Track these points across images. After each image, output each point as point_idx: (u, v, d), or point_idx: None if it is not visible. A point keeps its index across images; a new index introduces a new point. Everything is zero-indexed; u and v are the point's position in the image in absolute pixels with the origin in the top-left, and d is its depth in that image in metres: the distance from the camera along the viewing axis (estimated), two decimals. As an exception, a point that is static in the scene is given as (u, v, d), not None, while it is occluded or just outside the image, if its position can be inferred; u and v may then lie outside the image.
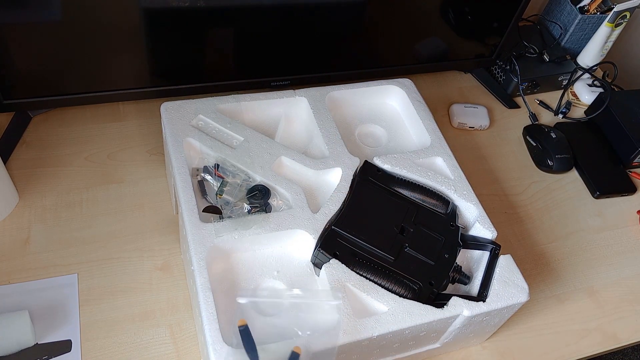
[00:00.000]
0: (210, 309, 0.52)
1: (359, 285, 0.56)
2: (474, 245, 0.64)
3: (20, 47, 0.70)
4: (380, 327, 0.54)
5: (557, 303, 0.77)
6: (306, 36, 0.84)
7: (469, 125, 0.97)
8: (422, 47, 0.95)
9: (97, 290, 0.67)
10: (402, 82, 0.79)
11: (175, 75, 0.82)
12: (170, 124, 0.67)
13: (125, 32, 0.73)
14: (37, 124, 0.83)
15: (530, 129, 0.98)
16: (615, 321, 0.77)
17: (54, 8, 0.67)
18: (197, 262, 0.55)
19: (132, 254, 0.71)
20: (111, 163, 0.81)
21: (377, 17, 0.86)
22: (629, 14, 1.02)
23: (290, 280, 0.59)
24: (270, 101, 0.73)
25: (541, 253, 0.82)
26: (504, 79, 1.04)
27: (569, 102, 1.05)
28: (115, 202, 0.76)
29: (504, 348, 0.71)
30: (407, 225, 0.61)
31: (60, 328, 0.63)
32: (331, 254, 0.58)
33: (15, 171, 0.77)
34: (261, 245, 0.61)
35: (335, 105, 0.76)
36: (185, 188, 0.61)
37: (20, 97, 0.76)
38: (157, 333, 0.65)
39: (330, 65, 0.90)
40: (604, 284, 0.81)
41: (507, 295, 0.58)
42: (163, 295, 0.68)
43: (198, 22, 0.75)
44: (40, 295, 0.66)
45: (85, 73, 0.76)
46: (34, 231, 0.71)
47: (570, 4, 1.07)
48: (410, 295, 0.57)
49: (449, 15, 0.91)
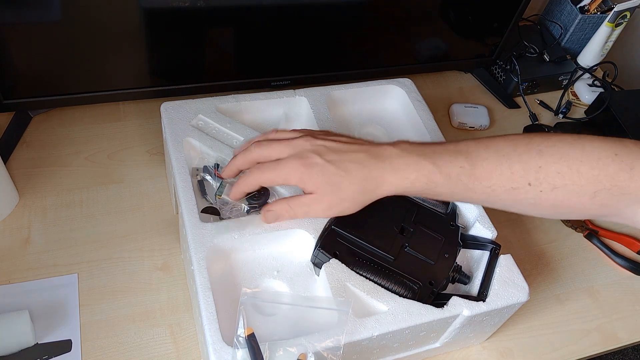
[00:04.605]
0: (210, 309, 0.52)
1: (359, 285, 0.56)
2: (474, 245, 0.64)
3: (20, 47, 0.70)
4: (380, 327, 0.54)
5: (557, 303, 0.77)
6: (306, 36, 0.84)
7: (469, 125, 0.97)
8: (422, 47, 0.95)
9: (97, 290, 0.67)
10: (402, 82, 0.79)
11: (175, 75, 0.82)
12: (170, 124, 0.67)
13: (125, 32, 0.73)
14: (37, 124, 0.83)
15: (530, 129, 0.98)
16: (615, 321, 0.77)
17: (53, 8, 0.67)
18: (197, 262, 0.55)
19: (132, 254, 0.71)
20: (111, 163, 0.81)
21: (377, 17, 0.86)
22: (629, 14, 1.02)
23: (290, 280, 0.59)
24: (270, 101, 0.73)
25: (541, 253, 0.82)
26: (504, 78, 1.04)
27: (569, 102, 1.05)
28: (115, 202, 0.76)
29: (504, 348, 0.71)
30: (407, 225, 0.61)
31: (60, 328, 0.63)
32: (331, 253, 0.58)
33: (15, 171, 0.77)
34: (261, 245, 0.61)
35: (335, 105, 0.76)
36: (185, 188, 0.61)
37: (20, 97, 0.76)
38: (157, 333, 0.65)
39: (331, 65, 0.90)
40: (604, 284, 0.80)
41: (507, 295, 0.58)
42: (163, 295, 0.68)
43: (198, 22, 0.75)
44: (40, 295, 0.66)
45: (85, 73, 0.76)
46: (34, 231, 0.71)
47: (570, 4, 1.07)
48: (410, 295, 0.57)
49: (449, 15, 0.91)
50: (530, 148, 0.52)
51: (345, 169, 0.54)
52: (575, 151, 0.51)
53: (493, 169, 0.53)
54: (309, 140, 0.56)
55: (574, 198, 0.51)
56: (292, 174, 0.54)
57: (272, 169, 0.55)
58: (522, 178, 0.52)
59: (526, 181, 0.52)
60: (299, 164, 0.54)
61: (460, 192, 0.55)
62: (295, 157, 0.55)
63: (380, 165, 0.54)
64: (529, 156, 0.52)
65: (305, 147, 0.55)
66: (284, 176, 0.55)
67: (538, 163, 0.51)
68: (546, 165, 0.51)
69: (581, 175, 0.50)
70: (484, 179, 0.53)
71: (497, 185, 0.53)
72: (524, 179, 0.52)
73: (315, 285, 0.59)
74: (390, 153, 0.55)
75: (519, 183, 0.52)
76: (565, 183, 0.50)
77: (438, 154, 0.54)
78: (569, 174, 0.50)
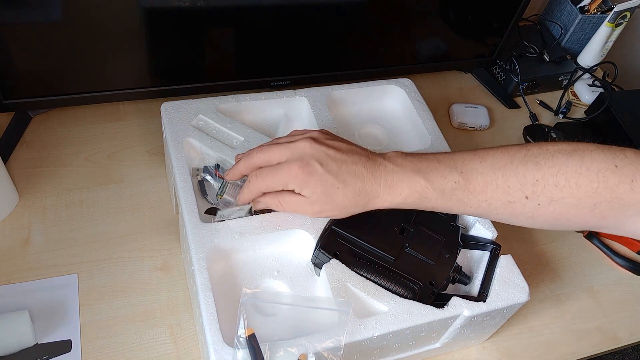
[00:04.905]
0: (210, 309, 0.52)
1: (359, 285, 0.56)
2: (474, 245, 0.64)
3: (20, 47, 0.70)
4: (381, 327, 0.54)
5: (557, 303, 0.77)
6: (306, 36, 0.84)
7: (469, 125, 0.97)
8: (422, 47, 0.95)
9: (97, 290, 0.67)
10: (402, 82, 0.79)
11: (175, 75, 0.82)
12: (170, 124, 0.67)
13: (125, 32, 0.73)
14: (37, 124, 0.83)
15: (530, 129, 0.98)
16: (615, 321, 0.77)
17: (54, 8, 0.67)
18: (197, 262, 0.55)
19: (132, 254, 0.71)
20: (111, 163, 0.80)
21: (378, 17, 0.86)
22: (629, 14, 1.02)
23: (290, 281, 0.59)
24: (270, 101, 0.72)
25: (541, 253, 0.82)
26: (504, 79, 1.04)
27: (569, 102, 1.05)
28: (115, 202, 0.76)
29: (504, 348, 0.71)
30: (407, 225, 0.61)
31: (60, 328, 0.63)
32: (331, 254, 0.58)
33: (15, 171, 0.77)
34: (261, 245, 0.61)
35: (335, 105, 0.76)
36: (185, 188, 0.61)
37: (20, 97, 0.76)
38: (157, 333, 0.65)
39: (331, 65, 0.90)
40: (604, 284, 0.81)
41: (507, 295, 0.58)
42: (163, 295, 0.68)
43: (198, 22, 0.75)
44: (40, 295, 0.66)
45: (85, 73, 0.76)
46: (34, 231, 0.71)
47: (570, 4, 1.07)
48: (411, 296, 0.57)
49: (449, 15, 0.91)
50: (527, 160, 0.51)
51: (343, 181, 0.54)
52: (573, 163, 0.49)
53: (488, 183, 0.52)
54: (310, 143, 0.55)
55: (572, 211, 0.50)
56: (292, 179, 0.54)
57: (271, 175, 0.55)
58: (518, 192, 0.51)
59: (523, 195, 0.51)
60: (298, 171, 0.54)
61: (455, 206, 0.55)
62: (295, 161, 0.54)
63: (375, 182, 0.54)
64: (525, 169, 0.51)
65: (306, 151, 0.55)
66: (283, 181, 0.55)
67: (535, 176, 0.50)
68: (543, 179, 0.50)
69: (580, 188, 0.49)
70: (479, 193, 0.52)
71: (492, 199, 0.52)
72: (521, 193, 0.51)
73: (315, 285, 0.59)
74: (385, 168, 0.55)
75: (515, 197, 0.51)
76: (563, 196, 0.50)
77: (432, 169, 0.54)
78: (567, 187, 0.49)
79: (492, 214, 0.54)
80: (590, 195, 0.49)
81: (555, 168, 0.50)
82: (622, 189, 0.48)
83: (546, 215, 0.51)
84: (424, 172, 0.54)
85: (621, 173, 0.48)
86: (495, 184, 0.52)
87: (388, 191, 0.54)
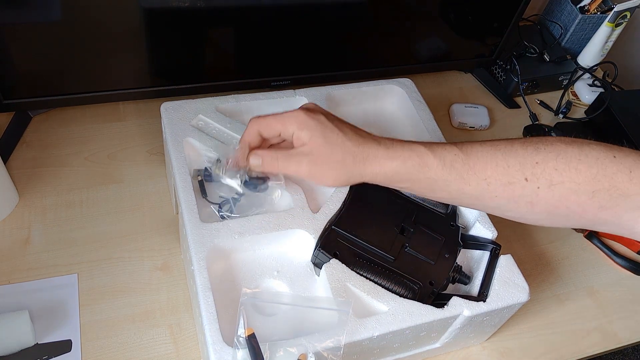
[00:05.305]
0: (210, 309, 0.52)
1: (359, 285, 0.56)
2: (474, 245, 0.64)
3: (20, 47, 0.70)
4: (381, 327, 0.54)
5: (557, 303, 0.77)
6: (306, 36, 0.84)
7: (470, 125, 0.97)
8: (423, 47, 0.95)
9: (97, 290, 0.67)
10: (402, 82, 0.79)
11: (175, 75, 0.82)
12: (170, 124, 0.67)
13: (125, 32, 0.73)
14: (37, 124, 0.83)
15: (530, 129, 0.98)
16: (615, 321, 0.77)
17: (54, 8, 0.67)
18: (197, 262, 0.55)
19: (132, 254, 0.71)
20: (111, 163, 0.80)
21: (377, 17, 0.86)
22: (629, 14, 1.02)
23: (290, 281, 0.59)
24: (270, 101, 0.72)
25: (541, 253, 0.82)
26: (504, 79, 1.04)
27: (569, 102, 1.05)
28: (115, 202, 0.76)
29: (504, 348, 0.71)
30: (407, 225, 0.61)
31: (60, 328, 0.63)
32: (331, 254, 0.58)
33: (15, 171, 0.77)
34: (261, 245, 0.61)
35: (335, 105, 0.76)
36: (185, 188, 0.61)
37: (20, 97, 0.76)
38: (157, 333, 0.65)
39: (331, 65, 0.90)
40: (604, 284, 0.81)
41: (507, 295, 0.58)
42: (163, 295, 0.68)
43: (198, 22, 0.75)
44: (40, 295, 0.66)
45: (85, 73, 0.76)
46: (34, 231, 0.71)
47: (570, 4, 1.07)
48: (411, 295, 0.57)
49: (449, 15, 0.91)
50: (526, 145, 0.52)
51: (343, 131, 0.53)
52: (573, 150, 0.50)
53: (488, 161, 0.52)
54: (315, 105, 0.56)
55: (572, 196, 0.50)
56: (293, 119, 0.53)
57: (273, 115, 0.55)
58: (518, 172, 0.51)
59: (523, 176, 0.51)
60: (302, 113, 0.54)
61: (454, 182, 0.53)
62: (301, 108, 0.55)
63: (375, 141, 0.54)
64: (525, 152, 0.51)
65: (311, 106, 0.55)
66: (283, 121, 0.54)
67: (535, 159, 0.51)
68: (543, 162, 0.50)
69: (579, 173, 0.49)
70: (479, 170, 0.52)
71: (492, 178, 0.52)
72: (521, 173, 0.51)
73: (315, 285, 0.59)
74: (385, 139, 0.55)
75: (515, 177, 0.51)
76: (562, 180, 0.50)
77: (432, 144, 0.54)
78: (567, 170, 0.50)
79: (491, 196, 0.53)
80: (589, 181, 0.49)
81: (555, 153, 0.50)
82: (620, 178, 0.48)
83: (545, 201, 0.51)
84: (424, 144, 0.54)
85: (619, 163, 0.49)
86: (495, 162, 0.52)
87: (387, 153, 0.53)
